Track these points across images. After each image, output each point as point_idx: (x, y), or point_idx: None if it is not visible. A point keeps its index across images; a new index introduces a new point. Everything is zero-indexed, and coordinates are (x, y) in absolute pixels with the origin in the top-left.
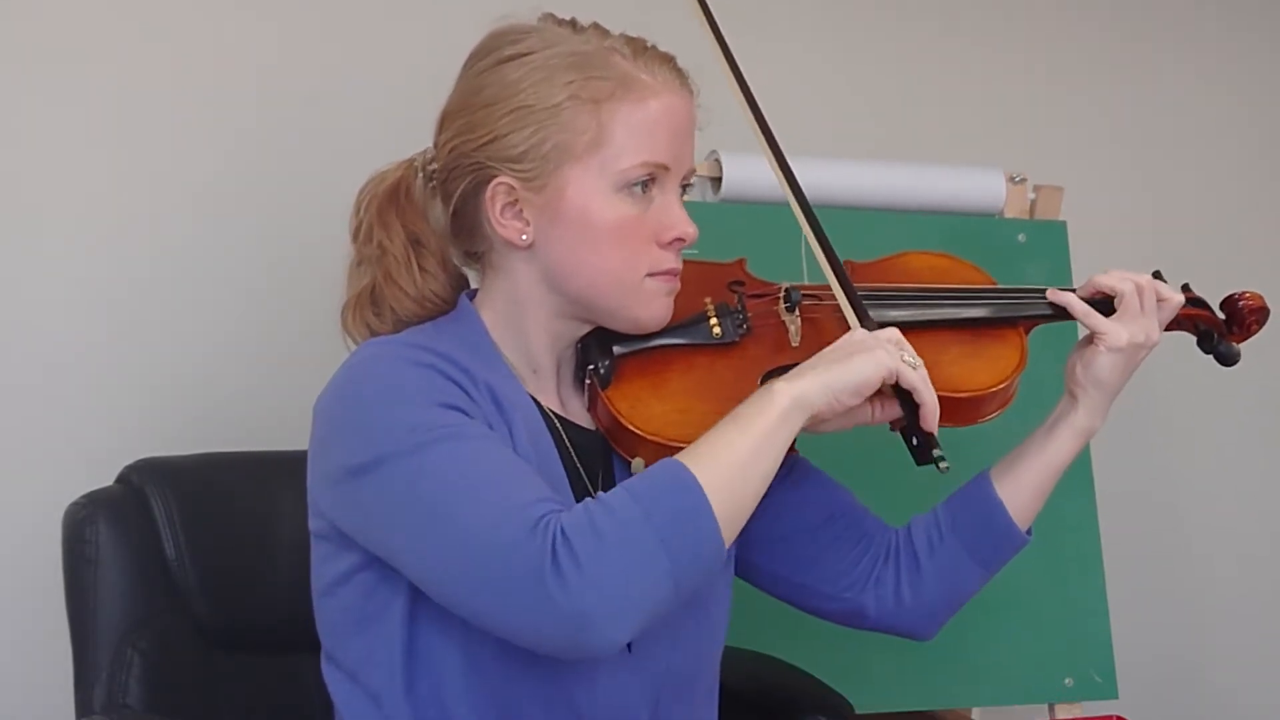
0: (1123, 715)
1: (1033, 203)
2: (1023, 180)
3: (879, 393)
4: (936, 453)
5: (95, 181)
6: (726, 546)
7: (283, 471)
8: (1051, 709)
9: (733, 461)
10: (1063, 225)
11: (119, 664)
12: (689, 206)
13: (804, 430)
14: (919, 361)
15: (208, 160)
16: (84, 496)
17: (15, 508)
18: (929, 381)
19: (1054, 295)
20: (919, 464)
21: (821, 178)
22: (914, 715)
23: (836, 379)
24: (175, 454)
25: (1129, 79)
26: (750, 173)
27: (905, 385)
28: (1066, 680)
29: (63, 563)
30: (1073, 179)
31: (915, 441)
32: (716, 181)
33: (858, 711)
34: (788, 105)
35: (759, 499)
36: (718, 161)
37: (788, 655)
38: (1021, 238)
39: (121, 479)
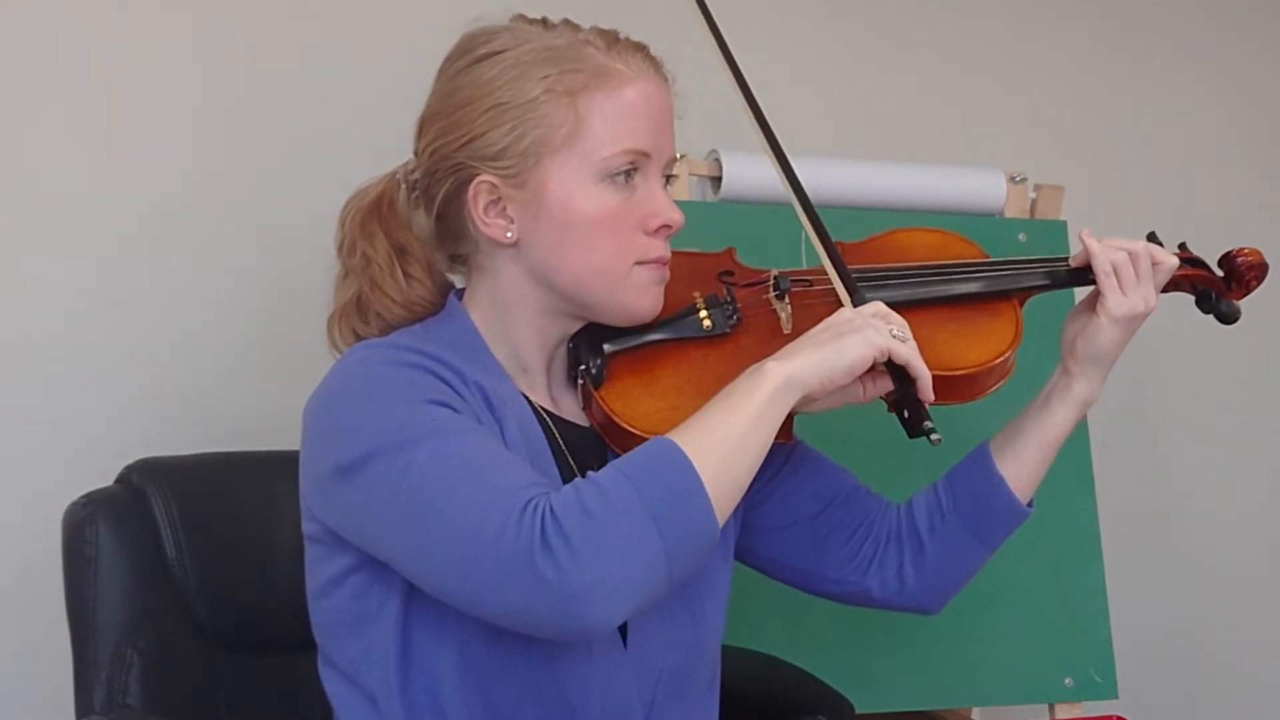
0: (1123, 715)
1: (1033, 202)
2: (1023, 180)
3: (870, 369)
4: (928, 424)
5: (95, 181)
6: (719, 526)
7: (283, 471)
8: (1051, 709)
9: (724, 441)
10: (1063, 225)
11: (119, 664)
12: (690, 205)
13: (793, 410)
14: (907, 333)
15: (208, 159)
16: (84, 496)
17: (15, 508)
18: (919, 352)
19: (1087, 237)
20: (911, 437)
21: (821, 178)
22: (914, 715)
23: (828, 360)
24: (175, 454)
25: (1129, 79)
26: (750, 172)
27: (898, 360)
28: (1066, 680)
29: (63, 563)
30: (1073, 179)
31: (907, 415)
32: (716, 181)
33: (858, 711)
34: (788, 105)
35: (751, 478)
36: (718, 161)
37: (788, 655)
38: (1022, 237)
39: (121, 479)
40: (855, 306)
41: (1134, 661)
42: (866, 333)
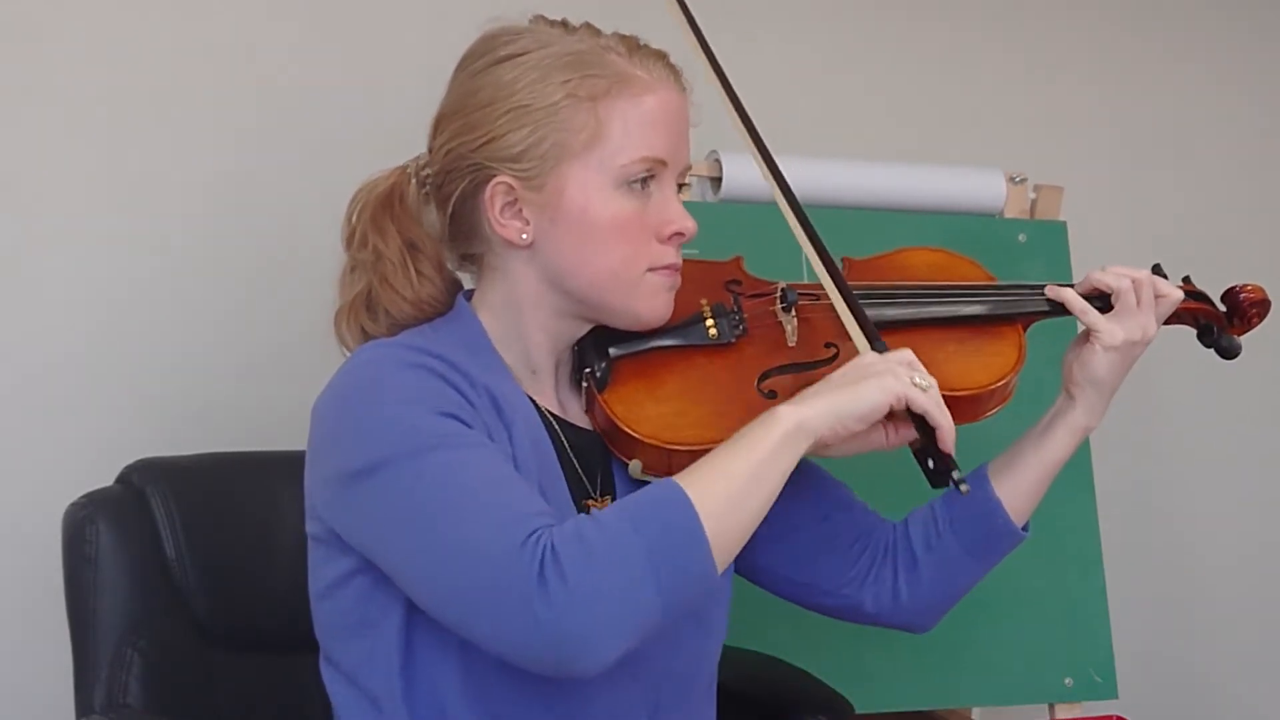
0: (1123, 715)
1: (1033, 203)
2: (1023, 180)
3: (891, 416)
4: (956, 475)
5: (95, 180)
6: (719, 570)
7: (283, 471)
8: (1051, 709)
9: (730, 485)
10: (1063, 225)
11: (119, 664)
12: (689, 206)
13: (811, 455)
14: (931, 383)
15: (209, 158)
16: (84, 496)
17: (15, 508)
18: (942, 403)
19: (1052, 291)
20: (934, 486)
21: (821, 178)
22: (914, 715)
23: (843, 405)
24: (175, 454)
25: (1129, 79)
26: (751, 172)
27: (916, 410)
28: (1066, 680)
29: (63, 563)
30: (1073, 179)
31: (932, 465)
32: (716, 181)
33: (858, 711)
34: (788, 105)
35: (757, 523)
36: (718, 161)
37: (788, 655)
38: (1022, 238)
39: (121, 479)
40: (879, 352)
41: (1134, 661)
42: (885, 379)
